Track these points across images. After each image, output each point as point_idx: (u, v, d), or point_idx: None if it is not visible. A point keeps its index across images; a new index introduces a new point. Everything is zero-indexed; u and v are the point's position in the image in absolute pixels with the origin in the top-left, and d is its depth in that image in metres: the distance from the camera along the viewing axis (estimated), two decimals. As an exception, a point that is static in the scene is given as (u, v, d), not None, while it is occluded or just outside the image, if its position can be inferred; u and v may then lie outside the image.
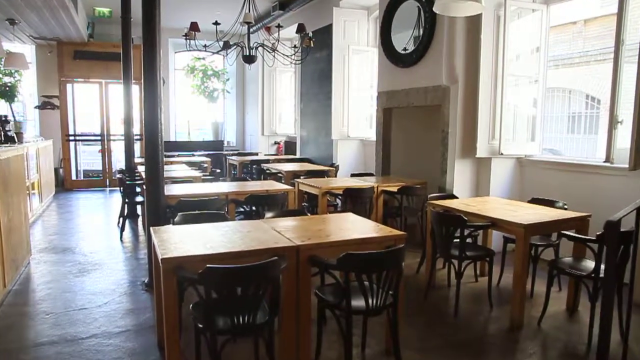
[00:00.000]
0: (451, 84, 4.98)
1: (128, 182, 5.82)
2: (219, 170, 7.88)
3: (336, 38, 7.21)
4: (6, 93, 8.14)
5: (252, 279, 2.12)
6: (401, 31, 5.69)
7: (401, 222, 5.00)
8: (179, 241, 2.54)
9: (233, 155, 9.23)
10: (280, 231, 2.80)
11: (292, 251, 2.49)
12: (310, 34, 6.00)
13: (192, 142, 11.16)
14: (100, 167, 10.03)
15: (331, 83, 7.31)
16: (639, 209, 2.36)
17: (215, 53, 6.13)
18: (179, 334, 2.40)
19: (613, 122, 3.94)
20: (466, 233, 3.42)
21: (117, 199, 7.94)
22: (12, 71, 8.15)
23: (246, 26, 5.76)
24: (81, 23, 8.20)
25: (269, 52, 6.05)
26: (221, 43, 5.99)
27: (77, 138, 9.92)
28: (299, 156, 9.09)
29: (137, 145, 8.06)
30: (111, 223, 6.57)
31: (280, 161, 8.07)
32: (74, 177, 9.84)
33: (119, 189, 6.90)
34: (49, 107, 9.79)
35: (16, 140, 5.93)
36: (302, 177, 5.76)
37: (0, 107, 8.54)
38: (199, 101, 11.38)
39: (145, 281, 4.06)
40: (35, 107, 9.82)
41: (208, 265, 2.02)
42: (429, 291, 3.85)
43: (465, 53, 4.96)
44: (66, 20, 7.10)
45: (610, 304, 2.12)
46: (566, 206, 3.85)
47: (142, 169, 5.38)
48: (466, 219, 3.38)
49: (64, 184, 9.60)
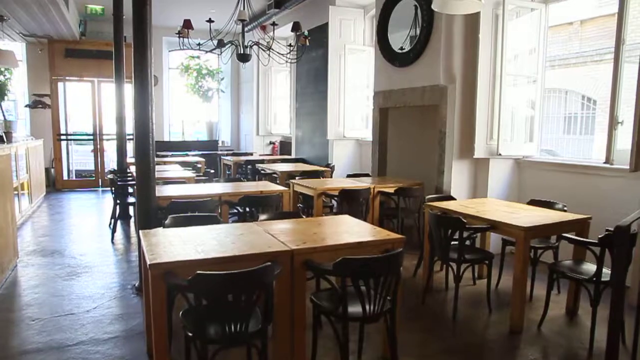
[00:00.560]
0: (448, 84, 4.91)
1: (119, 182, 5.71)
2: (213, 171, 7.77)
3: (332, 37, 7.13)
4: (-4, 91, 8.00)
5: (244, 285, 2.02)
6: (398, 30, 5.61)
7: (398, 223, 4.92)
8: (168, 245, 2.44)
9: (227, 155, 9.12)
10: (274, 234, 2.71)
11: (287, 256, 2.39)
12: (306, 33, 5.91)
13: (186, 142, 11.05)
14: (93, 167, 9.89)
15: (327, 82, 7.22)
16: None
17: (209, 51, 6.02)
18: (168, 342, 2.31)
19: (613, 122, 3.87)
20: (465, 236, 3.34)
21: (109, 199, 7.81)
22: (2, 69, 7.99)
23: (241, 24, 5.66)
24: (73, 21, 8.06)
25: (264, 50, 5.96)
26: (215, 41, 5.89)
27: (69, 137, 9.77)
28: (294, 156, 9.00)
29: (130, 144, 7.93)
30: (103, 224, 6.45)
31: (275, 161, 7.98)
32: (65, 177, 9.68)
33: (110, 189, 6.79)
34: (40, 106, 9.64)
35: (5, 139, 5.82)
36: (297, 178, 5.67)
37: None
38: (194, 100, 11.27)
39: (136, 285, 3.96)
40: (26, 106, 9.66)
41: (198, 272, 1.93)
42: (426, 295, 3.78)
43: (463, 52, 4.89)
44: (56, 17, 6.97)
45: (621, 308, 2.05)
46: (566, 208, 3.78)
47: (134, 169, 5.27)
48: (465, 221, 3.30)
49: (55, 184, 9.46)
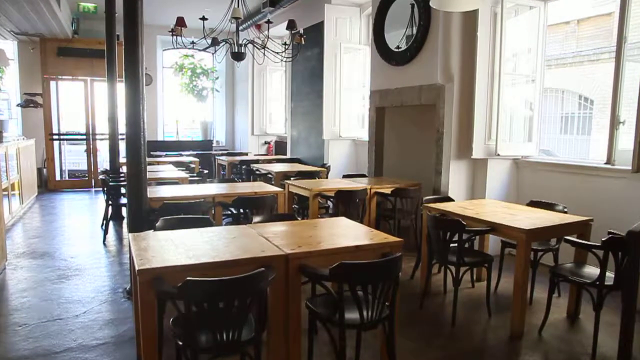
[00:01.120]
0: (446, 83, 4.83)
1: (111, 183, 5.60)
2: (207, 171, 7.66)
3: (328, 35, 7.04)
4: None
5: (236, 292, 1.93)
6: (395, 28, 5.53)
7: (395, 225, 4.84)
8: (159, 249, 2.34)
9: (222, 155, 9.01)
10: (268, 237, 2.62)
11: (281, 260, 2.31)
12: (301, 31, 5.82)
13: (180, 142, 10.92)
14: (86, 167, 9.75)
15: (322, 82, 7.13)
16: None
17: (202, 50, 5.92)
18: (159, 349, 2.22)
19: (614, 122, 3.80)
20: (464, 238, 3.27)
21: (102, 200, 7.68)
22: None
23: (235, 23, 5.57)
24: (65, 19, 7.93)
25: (259, 49, 5.87)
26: (209, 40, 5.79)
27: (62, 137, 9.62)
28: (289, 156, 8.90)
29: (123, 144, 7.82)
30: (95, 225, 6.34)
31: (270, 161, 7.88)
32: (58, 178, 9.54)
33: (102, 190, 6.67)
34: (31, 105, 9.49)
35: (-6, 139, 5.69)
36: (292, 178, 5.58)
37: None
38: (188, 100, 11.15)
39: (127, 288, 3.86)
40: (18, 105, 9.52)
41: (187, 279, 1.84)
42: (424, 298, 3.70)
43: (461, 51, 4.81)
44: (48, 14, 6.84)
45: (633, 315, 1.97)
46: (566, 210, 3.71)
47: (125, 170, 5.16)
48: (465, 223, 3.22)
49: (48, 185, 9.32)
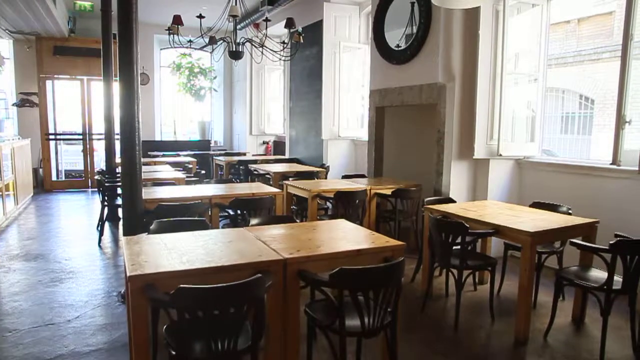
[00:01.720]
0: (447, 82, 4.75)
1: (107, 183, 5.50)
2: (204, 172, 7.56)
3: (327, 34, 6.96)
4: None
5: (231, 300, 1.85)
6: (395, 27, 5.45)
7: (395, 226, 4.76)
8: (152, 254, 2.26)
9: (220, 155, 8.92)
10: (265, 241, 2.54)
11: (279, 265, 2.22)
12: (300, 30, 5.74)
13: (177, 142, 10.82)
14: (83, 167, 9.65)
15: (321, 81, 7.05)
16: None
17: (199, 49, 5.83)
18: (153, 357, 2.13)
19: (620, 121, 3.72)
20: (467, 241, 3.18)
21: (99, 200, 7.60)
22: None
23: (233, 21, 5.48)
24: (61, 17, 7.83)
25: (257, 48, 5.78)
26: (207, 38, 5.70)
27: (58, 137, 9.53)
28: (288, 156, 8.81)
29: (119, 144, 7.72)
30: (91, 227, 6.25)
31: (268, 161, 7.79)
32: (54, 178, 9.44)
33: (98, 190, 6.58)
34: (27, 104, 9.38)
35: (-13, 139, 5.60)
36: (291, 179, 5.49)
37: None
38: (186, 100, 11.05)
39: (122, 292, 3.77)
40: (13, 105, 9.41)
41: (180, 286, 1.75)
42: (426, 302, 3.61)
43: (462, 49, 4.73)
44: (43, 13, 6.75)
45: None
46: (570, 211, 3.63)
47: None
48: (468, 226, 3.14)
49: (44, 185, 9.22)
